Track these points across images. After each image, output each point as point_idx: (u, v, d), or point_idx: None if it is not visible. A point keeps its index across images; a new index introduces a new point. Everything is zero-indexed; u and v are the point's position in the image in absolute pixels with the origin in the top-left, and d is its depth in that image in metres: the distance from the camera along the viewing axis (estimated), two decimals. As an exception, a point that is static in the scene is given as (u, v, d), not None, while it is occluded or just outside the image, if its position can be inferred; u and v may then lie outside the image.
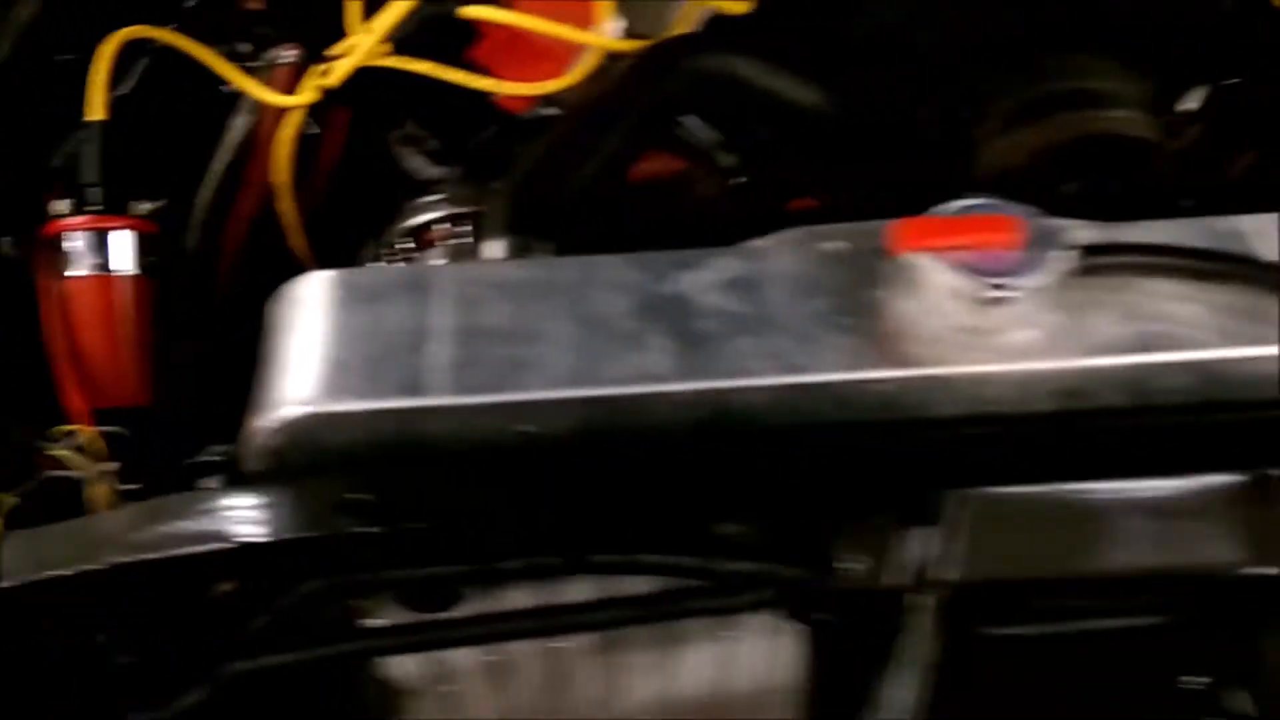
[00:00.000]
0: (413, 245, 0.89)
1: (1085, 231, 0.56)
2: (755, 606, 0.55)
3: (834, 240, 0.60)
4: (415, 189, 0.95)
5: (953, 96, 0.75)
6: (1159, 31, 0.75)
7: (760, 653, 0.63)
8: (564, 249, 0.65)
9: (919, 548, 0.53)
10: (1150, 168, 0.72)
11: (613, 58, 0.85)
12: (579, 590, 0.58)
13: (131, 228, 0.80)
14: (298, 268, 0.96)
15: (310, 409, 0.53)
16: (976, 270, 0.53)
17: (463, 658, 0.66)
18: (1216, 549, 0.53)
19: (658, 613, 0.56)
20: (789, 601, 0.55)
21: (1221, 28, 0.77)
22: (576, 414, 0.53)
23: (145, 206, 0.83)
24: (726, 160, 0.83)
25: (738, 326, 0.56)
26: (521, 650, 0.65)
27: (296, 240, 0.97)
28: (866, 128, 0.79)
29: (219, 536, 0.51)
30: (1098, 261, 0.54)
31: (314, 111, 0.95)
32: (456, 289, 0.57)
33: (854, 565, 0.53)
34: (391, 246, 0.90)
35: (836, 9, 0.80)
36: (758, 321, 0.56)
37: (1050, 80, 0.72)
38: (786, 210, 0.82)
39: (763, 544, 0.54)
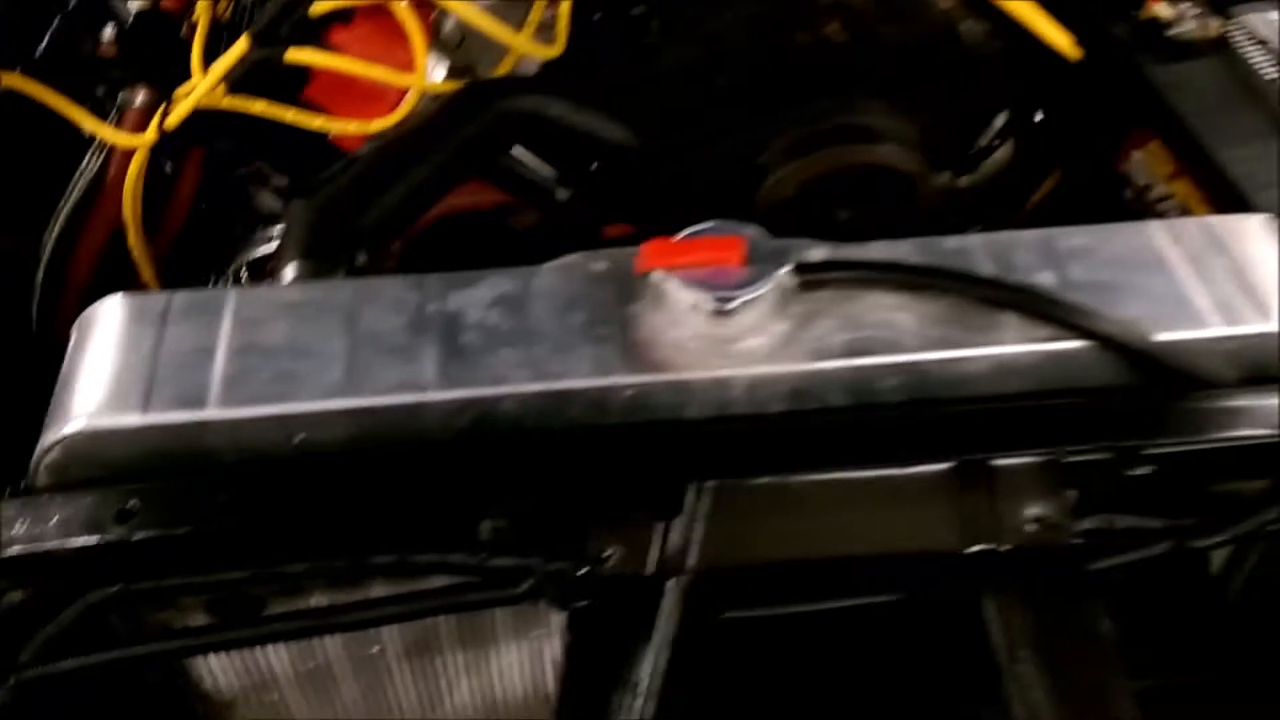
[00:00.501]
0: (253, 277, 0.93)
1: (816, 250, 0.63)
2: (521, 598, 0.59)
3: (601, 261, 0.65)
4: (262, 223, 0.99)
5: (742, 133, 0.82)
6: (925, 75, 0.82)
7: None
8: (356, 274, 0.69)
9: (666, 537, 0.58)
10: (914, 196, 0.79)
11: (436, 99, 0.90)
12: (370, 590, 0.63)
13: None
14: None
15: (90, 424, 0.57)
16: (707, 285, 0.59)
17: (280, 666, 0.69)
18: (931, 530, 0.58)
19: (431, 608, 0.60)
20: (551, 592, 0.59)
21: (987, 68, 0.85)
22: (345, 424, 0.58)
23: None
24: (550, 188, 0.89)
25: (501, 340, 0.61)
26: (338, 656, 0.69)
27: (147, 276, 1.00)
28: (669, 161, 0.85)
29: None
30: (815, 276, 0.60)
31: (165, 151, 0.99)
32: (240, 310, 0.61)
33: (608, 556, 0.58)
34: (235, 278, 0.94)
35: (638, 53, 0.87)
36: (520, 335, 0.61)
37: (821, 118, 0.79)
38: (599, 238, 0.88)
39: (526, 539, 0.59)
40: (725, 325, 0.59)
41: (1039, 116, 1.03)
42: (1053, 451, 0.59)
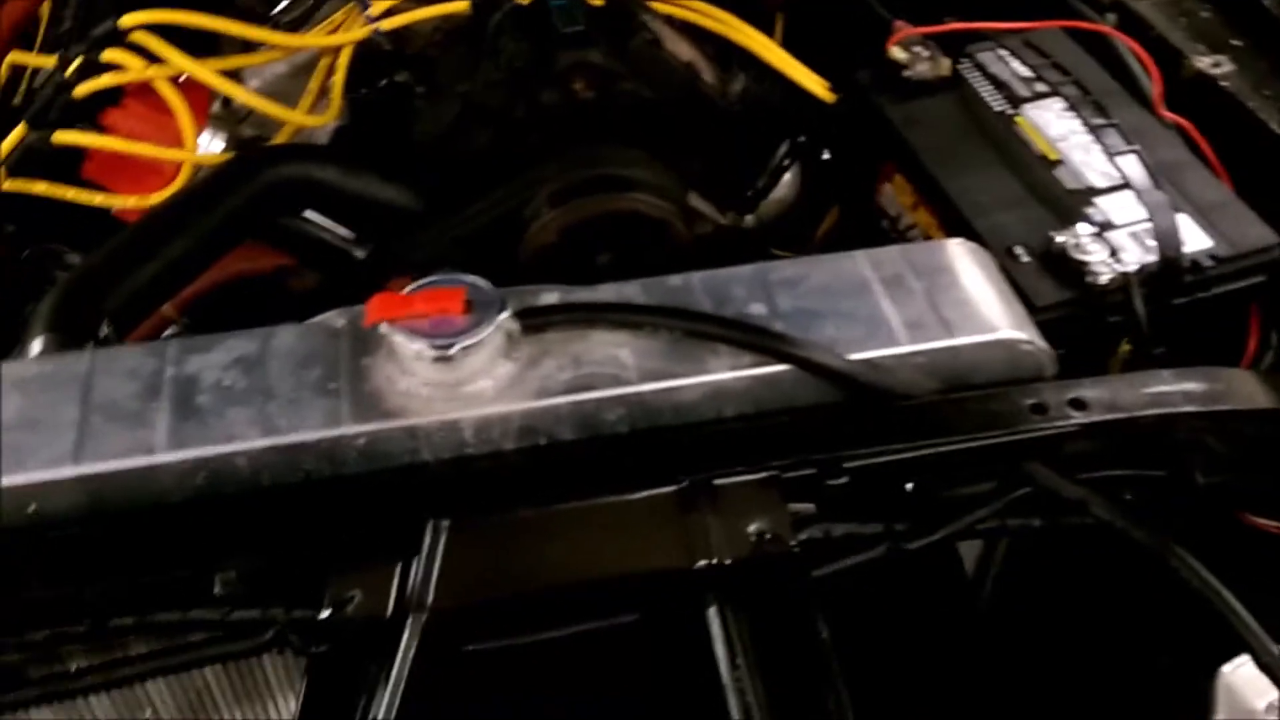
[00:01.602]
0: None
1: (546, 295, 0.66)
2: (265, 648, 0.60)
3: (343, 319, 0.67)
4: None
5: (506, 187, 0.86)
6: (672, 125, 0.87)
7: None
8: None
9: (405, 578, 0.60)
10: (668, 240, 0.83)
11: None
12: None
13: None
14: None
15: None
16: (430, 334, 0.61)
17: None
18: (660, 551, 0.61)
19: (178, 664, 0.61)
20: (294, 640, 0.60)
21: (726, 119, 0.91)
22: (76, 491, 0.59)
23: None
24: (357, 252, 0.92)
25: (235, 399, 0.62)
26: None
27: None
28: (443, 216, 0.89)
29: None
30: (539, 320, 0.63)
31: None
32: (-25, 387, 0.62)
33: (348, 600, 0.60)
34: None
35: (405, 118, 0.90)
36: (254, 393, 0.62)
37: (579, 169, 0.83)
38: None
39: (265, 590, 0.60)
40: (452, 371, 0.62)
41: (825, 155, 1.10)
42: (770, 468, 0.62)
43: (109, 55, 0.84)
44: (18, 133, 0.91)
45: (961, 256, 0.70)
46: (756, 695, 0.57)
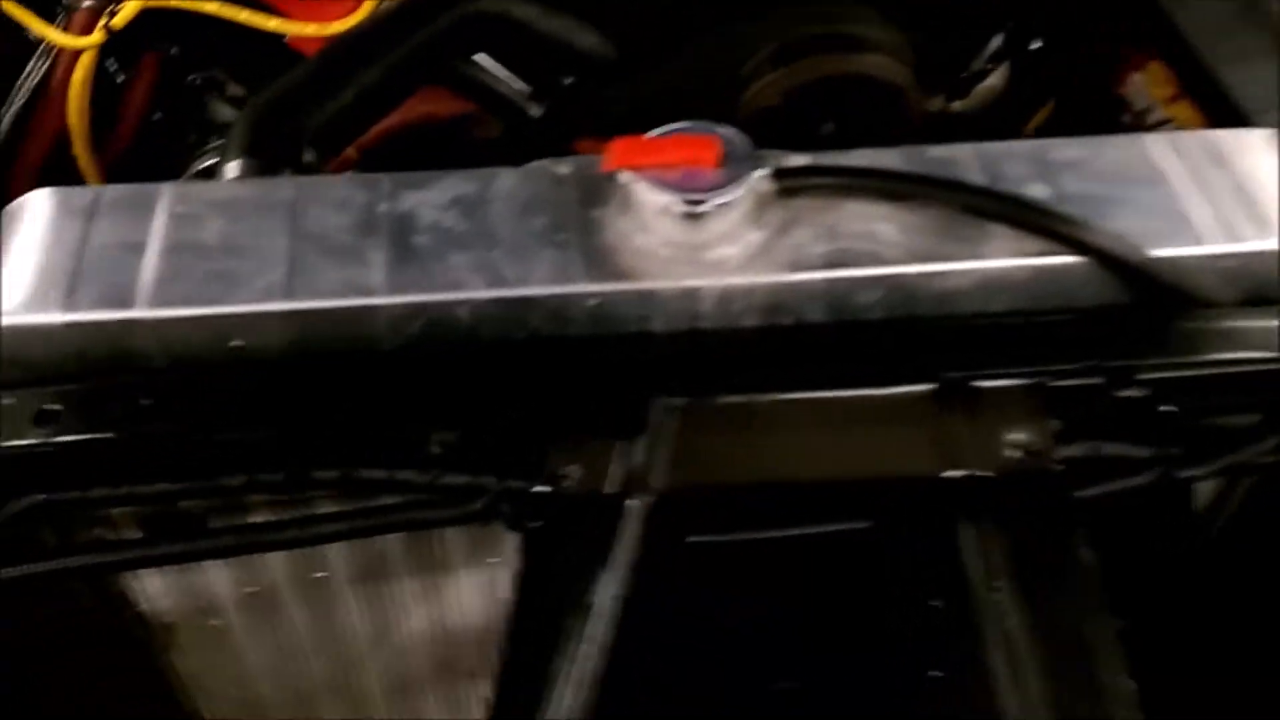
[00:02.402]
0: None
1: (795, 156, 0.59)
2: (474, 518, 0.56)
3: (567, 166, 0.61)
4: (217, 132, 0.94)
5: (723, 39, 0.77)
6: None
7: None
8: (302, 173, 0.65)
9: (628, 457, 0.55)
10: (900, 111, 0.75)
11: (399, -1, 0.85)
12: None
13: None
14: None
15: (10, 321, 0.52)
16: (678, 187, 0.55)
17: (222, 589, 0.66)
18: (908, 454, 0.55)
19: (377, 525, 0.57)
20: (505, 511, 0.56)
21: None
22: (285, 327, 0.54)
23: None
24: (518, 98, 0.85)
25: (455, 242, 0.56)
26: (283, 580, 0.65)
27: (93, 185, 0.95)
28: (644, 69, 0.81)
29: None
30: (799, 182, 0.56)
31: (115, 55, 0.94)
32: (174, 206, 0.57)
33: (566, 474, 0.55)
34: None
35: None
36: (476, 238, 0.57)
37: (806, 25, 0.75)
38: (571, 151, 0.84)
39: (479, 456, 0.55)
40: (696, 231, 0.55)
41: (1036, 44, 0.99)
42: (1039, 373, 0.55)
43: None
44: (192, -54, 0.85)
45: (1270, 148, 0.61)
46: (1019, 620, 0.51)
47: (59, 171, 0.97)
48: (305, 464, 0.55)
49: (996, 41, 0.92)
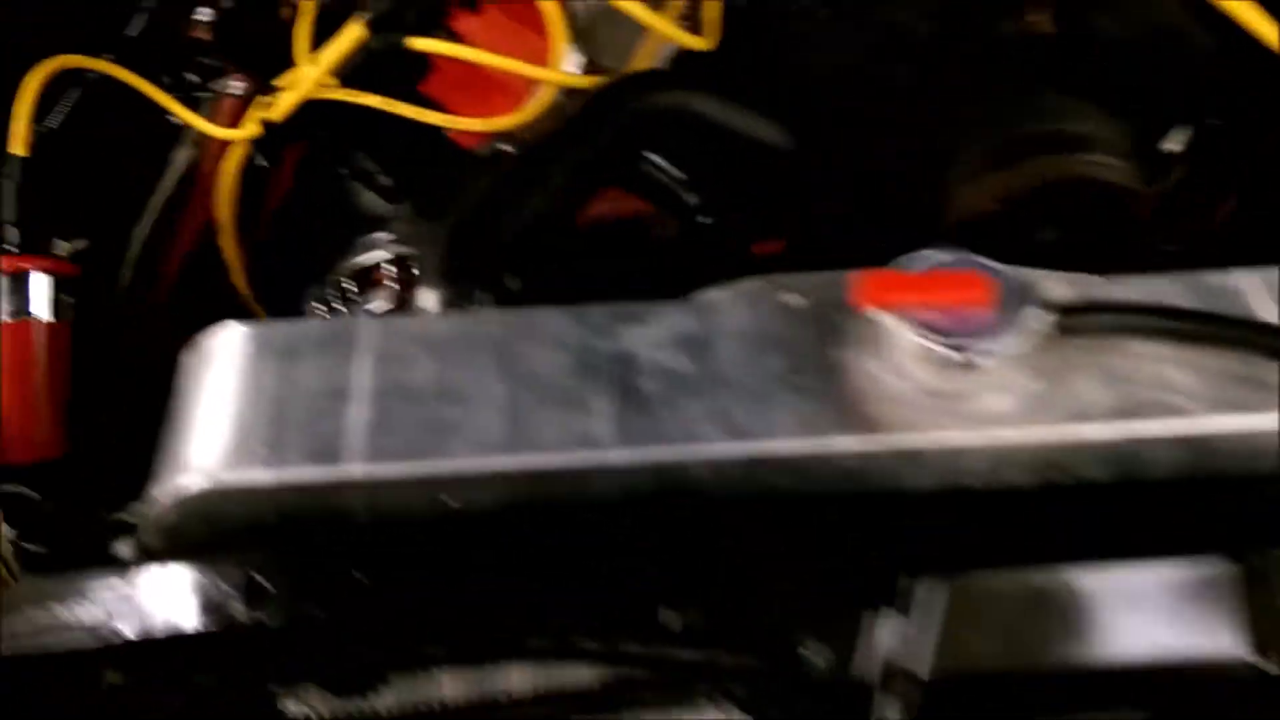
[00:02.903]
0: (357, 287, 0.85)
1: (1062, 287, 0.52)
2: (703, 699, 0.50)
3: (793, 292, 0.55)
4: (365, 226, 0.91)
5: (922, 137, 0.71)
6: (1138, 72, 0.71)
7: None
8: (504, 298, 0.60)
9: (885, 637, 0.48)
10: (1129, 215, 0.68)
11: (570, 93, 0.81)
12: (512, 679, 0.53)
13: (50, 270, 0.76)
14: (237, 307, 0.92)
15: (209, 480, 0.48)
16: (946, 331, 0.48)
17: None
18: (1209, 640, 0.48)
19: (594, 704, 0.51)
20: (741, 694, 0.50)
21: (1202, 68, 0.73)
22: (506, 485, 0.49)
23: (67, 246, 0.78)
24: (690, 199, 0.80)
25: (686, 387, 0.51)
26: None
27: (237, 279, 0.92)
28: (832, 167, 0.75)
29: (101, 628, 0.45)
30: (1077, 322, 0.49)
31: (262, 145, 0.91)
32: (379, 345, 0.52)
33: (813, 656, 0.48)
34: (336, 287, 0.85)
35: (801, 44, 0.76)
36: (708, 382, 0.51)
37: (1024, 122, 0.68)
38: (748, 254, 0.78)
39: (712, 629, 0.49)
40: (962, 378, 0.49)
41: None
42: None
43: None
44: (354, 34, 0.82)
45: None
46: None
47: (202, 258, 0.95)
48: (516, 632, 0.49)
49: (1200, 118, 0.85)
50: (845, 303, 0.52)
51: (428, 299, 0.59)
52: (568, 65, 0.80)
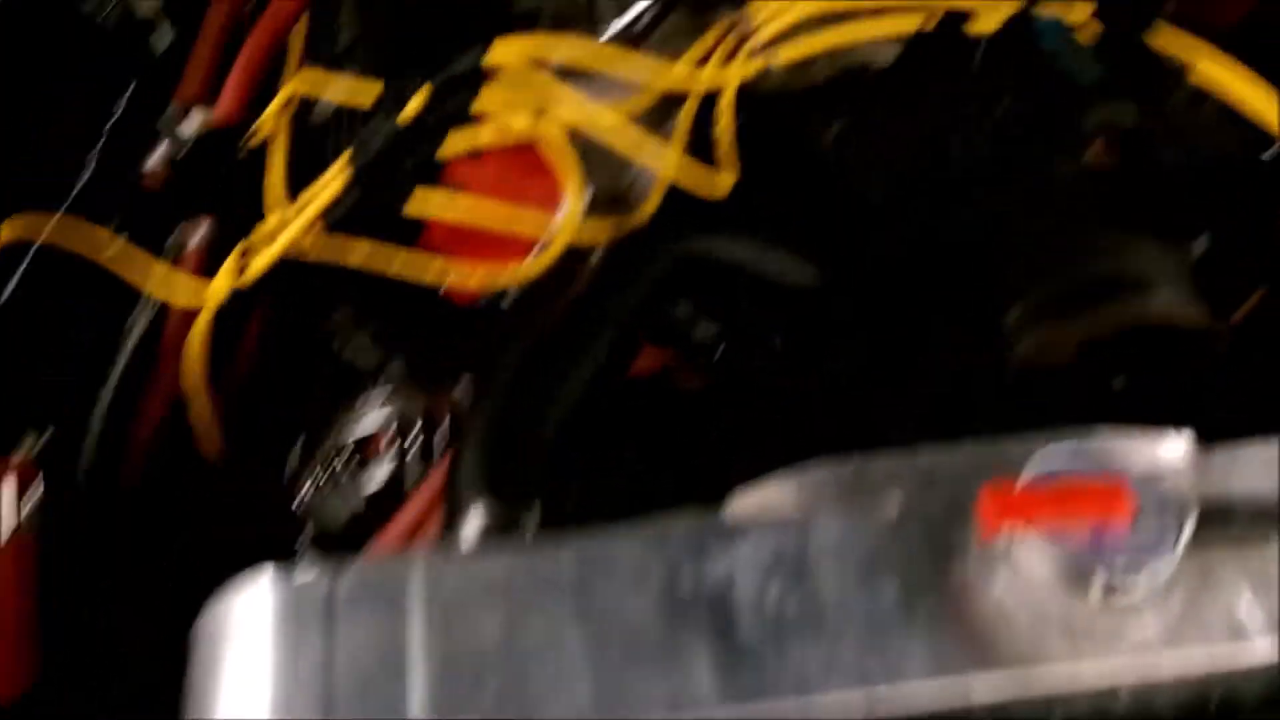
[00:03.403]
0: (356, 458, 0.77)
1: (1193, 472, 0.47)
2: None
3: (867, 481, 0.50)
4: (353, 382, 0.83)
5: (975, 282, 0.67)
6: (1199, 201, 0.67)
7: None
8: (556, 505, 0.53)
9: None
10: (1204, 355, 0.64)
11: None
12: None
13: (11, 475, 0.67)
14: (214, 484, 0.83)
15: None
16: (1084, 551, 0.43)
17: None
18: None
19: None
20: None
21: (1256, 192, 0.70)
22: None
23: (29, 443, 0.69)
24: (718, 344, 0.74)
25: (790, 624, 0.44)
26: None
27: (211, 450, 0.83)
28: (873, 312, 0.71)
29: None
30: (1221, 531, 0.45)
31: (233, 304, 0.83)
32: (432, 593, 0.45)
33: None
34: (327, 462, 0.77)
35: (833, 177, 0.72)
36: (814, 616, 0.45)
37: (1087, 264, 0.64)
38: (787, 412, 0.73)
39: None
40: (1104, 602, 0.44)
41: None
42: None
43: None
44: (337, 185, 0.75)
45: None
46: None
47: (170, 435, 0.86)
48: None
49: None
50: (953, 507, 0.47)
51: (472, 524, 0.52)
52: (576, 208, 0.74)
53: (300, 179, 0.82)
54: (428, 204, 0.69)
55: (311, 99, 0.85)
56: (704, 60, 0.79)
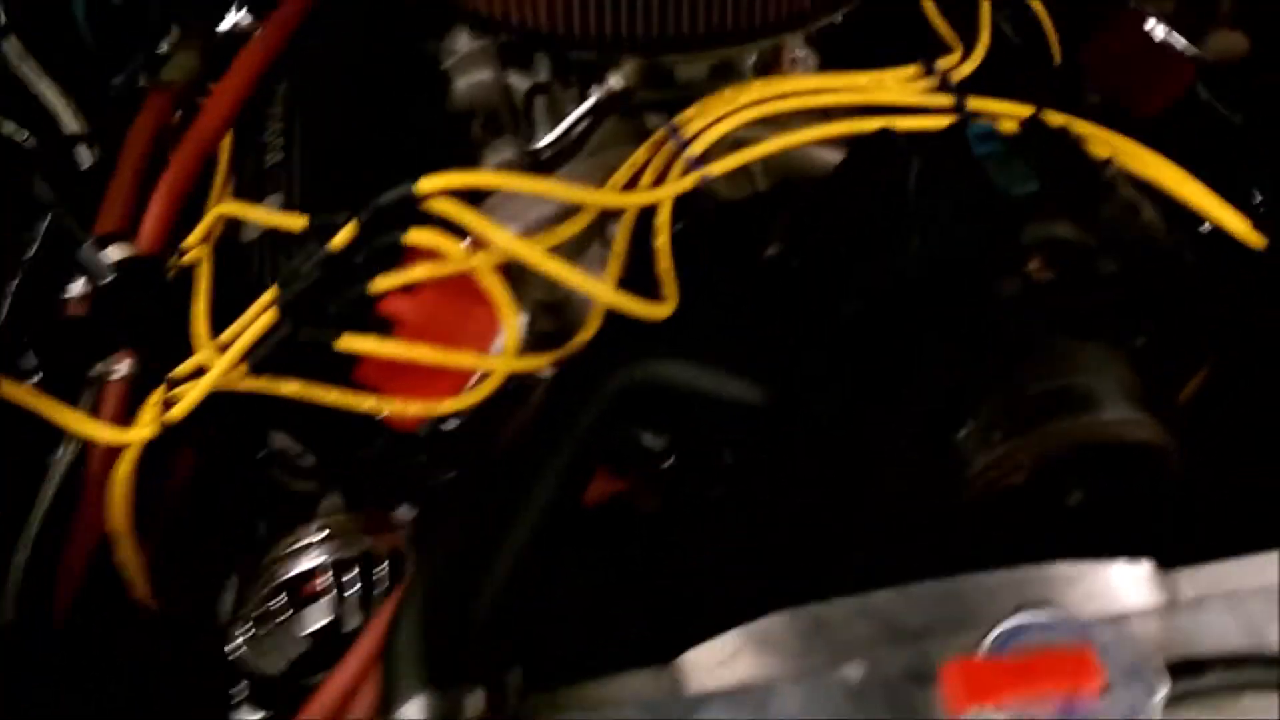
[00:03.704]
0: (287, 602, 0.73)
1: (1157, 621, 0.46)
2: None
3: (825, 633, 0.48)
4: (288, 519, 0.80)
5: (921, 401, 0.66)
6: (1138, 302, 0.67)
7: None
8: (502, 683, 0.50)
9: None
10: (1160, 470, 0.63)
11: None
12: None
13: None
14: (142, 630, 0.79)
15: None
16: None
17: None
18: None
19: None
20: None
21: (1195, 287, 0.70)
22: None
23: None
24: (668, 464, 0.72)
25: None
26: None
27: (141, 592, 0.79)
28: (823, 431, 0.69)
29: None
30: (1190, 686, 0.43)
31: (161, 439, 0.79)
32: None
33: None
34: (261, 605, 0.74)
35: (773, 303, 0.70)
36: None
37: (1034, 379, 0.63)
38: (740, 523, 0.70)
39: None
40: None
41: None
42: None
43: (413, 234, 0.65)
44: (264, 321, 0.72)
45: None
46: None
47: (95, 578, 0.82)
48: None
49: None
50: (916, 671, 0.45)
51: (408, 713, 0.48)
52: (515, 335, 0.72)
53: (228, 305, 0.79)
54: (358, 343, 0.66)
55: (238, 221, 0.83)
56: (641, 171, 0.78)
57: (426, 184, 0.66)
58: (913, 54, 0.88)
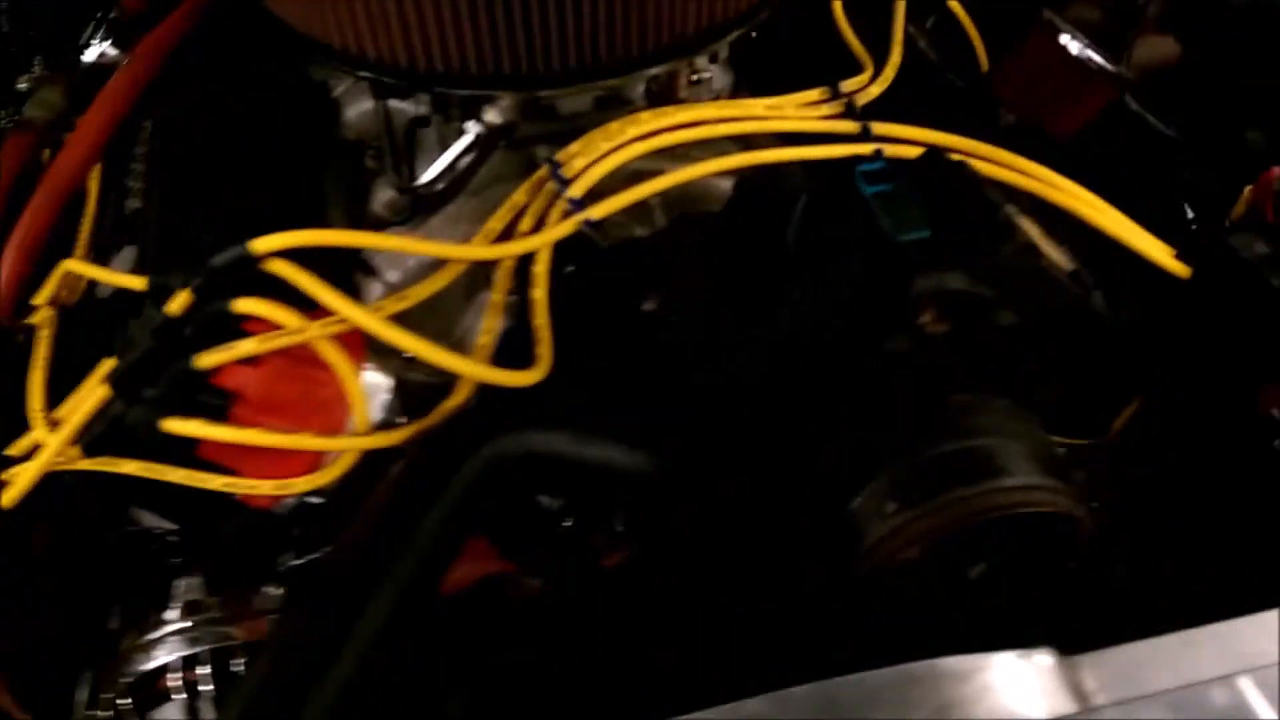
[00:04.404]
0: (135, 702, 0.67)
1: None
2: None
3: None
4: (141, 600, 0.73)
5: (816, 467, 0.60)
6: (1040, 355, 0.61)
7: None
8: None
9: None
10: (1070, 542, 0.58)
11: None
12: None
13: None
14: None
15: None
16: None
17: None
18: None
19: None
20: None
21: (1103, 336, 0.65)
22: None
23: None
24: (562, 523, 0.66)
25: None
26: None
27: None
28: (710, 502, 0.63)
29: None
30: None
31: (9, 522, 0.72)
32: None
33: None
34: (110, 709, 0.67)
35: (653, 364, 0.64)
36: None
37: (932, 442, 0.58)
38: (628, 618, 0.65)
39: None
40: None
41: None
42: None
43: (243, 304, 0.59)
44: (94, 398, 0.65)
45: None
46: None
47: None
48: None
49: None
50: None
51: None
52: (363, 412, 0.66)
53: (77, 366, 0.73)
54: (185, 426, 0.60)
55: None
56: (521, 214, 0.72)
57: (262, 244, 0.59)
58: (826, 72, 0.83)
